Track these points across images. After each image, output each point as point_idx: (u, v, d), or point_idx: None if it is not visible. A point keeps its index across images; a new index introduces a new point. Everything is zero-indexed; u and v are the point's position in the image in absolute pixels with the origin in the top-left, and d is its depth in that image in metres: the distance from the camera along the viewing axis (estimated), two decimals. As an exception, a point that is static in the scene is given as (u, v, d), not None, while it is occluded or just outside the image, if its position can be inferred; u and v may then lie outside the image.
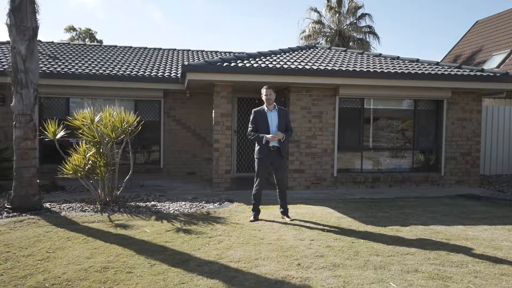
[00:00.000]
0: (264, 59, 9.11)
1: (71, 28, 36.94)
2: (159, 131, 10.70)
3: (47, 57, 11.07)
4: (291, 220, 5.78)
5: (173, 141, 10.73)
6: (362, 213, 6.41)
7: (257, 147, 5.87)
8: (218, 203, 7.18)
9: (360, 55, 10.90)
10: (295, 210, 6.56)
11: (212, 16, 68.26)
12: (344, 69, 8.74)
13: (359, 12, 25.92)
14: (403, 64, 9.72)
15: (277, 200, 6.09)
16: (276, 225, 5.51)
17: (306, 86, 8.99)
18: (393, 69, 9.11)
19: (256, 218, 5.81)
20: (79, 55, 11.78)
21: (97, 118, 6.35)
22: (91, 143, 6.72)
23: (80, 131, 6.63)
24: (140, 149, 10.88)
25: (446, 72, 9.09)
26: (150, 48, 13.73)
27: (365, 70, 8.81)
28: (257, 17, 66.20)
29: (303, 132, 9.03)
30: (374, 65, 9.37)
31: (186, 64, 8.04)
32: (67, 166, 6.36)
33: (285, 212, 5.94)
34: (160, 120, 10.69)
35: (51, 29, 58.55)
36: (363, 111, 9.45)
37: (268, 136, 5.70)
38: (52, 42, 13.23)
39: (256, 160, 5.88)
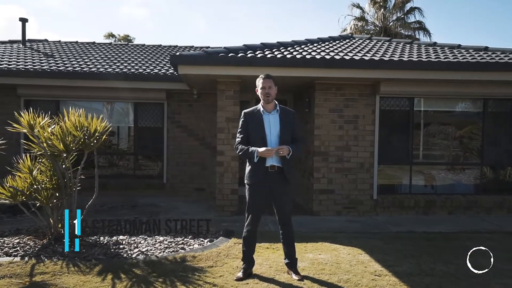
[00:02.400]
0: (283, 50, 7.18)
1: (110, 35, 37.00)
2: (162, 139, 9.02)
3: (42, 55, 9.79)
4: (299, 279, 3.76)
5: (178, 151, 9.01)
6: (411, 264, 4.29)
7: (247, 167, 3.87)
8: (209, 238, 5.29)
9: (408, 45, 8.68)
10: (312, 254, 4.55)
11: (251, 20, 67.09)
12: (387, 58, 6.62)
13: (407, 6, 23.61)
14: (467, 54, 7.40)
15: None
16: (273, 289, 3.53)
17: (336, 82, 6.94)
18: (453, 58, 6.86)
19: (246, 274, 3.83)
20: (81, 54, 10.42)
21: (41, 123, 4.68)
22: (44, 157, 5.10)
23: (27, 142, 5.03)
24: (139, 161, 9.26)
25: (529, 61, 6.72)
26: (165, 46, 12.26)
27: (415, 59, 6.64)
28: (294, 17, 64.14)
29: (332, 141, 6.97)
30: (427, 55, 7.15)
31: (177, 54, 6.26)
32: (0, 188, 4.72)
33: (291, 265, 3.91)
34: (163, 126, 9.02)
35: (94, 39, 59.81)
36: (413, 114, 7.24)
37: (260, 150, 3.71)
38: (59, 41, 12.06)
39: (246, 187, 3.90)
